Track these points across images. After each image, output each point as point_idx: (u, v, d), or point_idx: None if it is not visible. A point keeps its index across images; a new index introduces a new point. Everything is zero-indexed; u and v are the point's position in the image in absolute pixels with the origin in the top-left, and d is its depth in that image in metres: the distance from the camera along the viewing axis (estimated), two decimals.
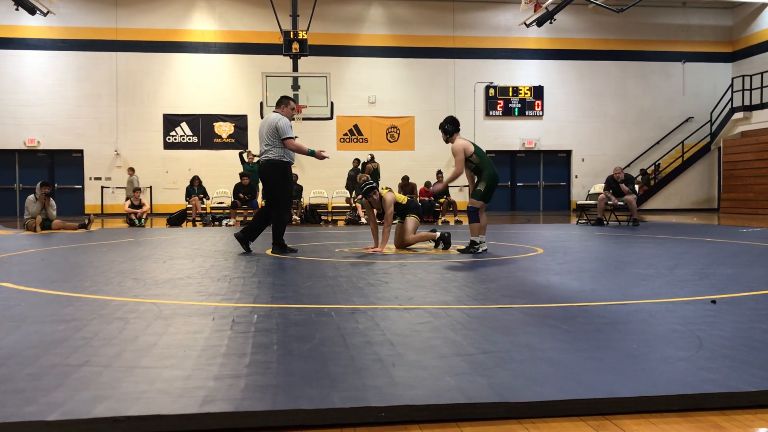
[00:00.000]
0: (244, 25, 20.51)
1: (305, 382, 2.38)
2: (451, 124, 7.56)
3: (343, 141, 20.95)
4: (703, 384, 2.35)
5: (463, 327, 3.32)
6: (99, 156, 20.09)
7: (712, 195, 22.21)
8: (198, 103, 20.32)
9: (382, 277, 5.28)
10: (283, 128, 7.42)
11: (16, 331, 3.25)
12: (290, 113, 7.70)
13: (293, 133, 7.52)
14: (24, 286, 4.86)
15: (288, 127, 7.49)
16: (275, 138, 7.42)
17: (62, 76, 19.80)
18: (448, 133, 7.57)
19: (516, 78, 21.79)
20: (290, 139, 7.45)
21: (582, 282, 5.02)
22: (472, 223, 7.37)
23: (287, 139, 7.42)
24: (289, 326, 3.35)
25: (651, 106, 22.33)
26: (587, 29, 21.99)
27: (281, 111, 7.62)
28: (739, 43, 22.36)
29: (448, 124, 7.57)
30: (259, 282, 5.04)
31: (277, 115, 7.53)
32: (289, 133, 7.46)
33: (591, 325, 3.35)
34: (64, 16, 19.48)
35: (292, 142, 7.46)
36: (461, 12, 21.50)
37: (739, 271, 5.58)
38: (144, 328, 3.31)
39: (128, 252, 7.70)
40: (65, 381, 2.39)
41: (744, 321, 3.47)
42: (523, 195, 22.45)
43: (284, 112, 7.61)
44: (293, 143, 7.47)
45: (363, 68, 21.03)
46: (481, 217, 7.35)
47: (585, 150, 22.16)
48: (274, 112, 7.68)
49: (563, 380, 2.40)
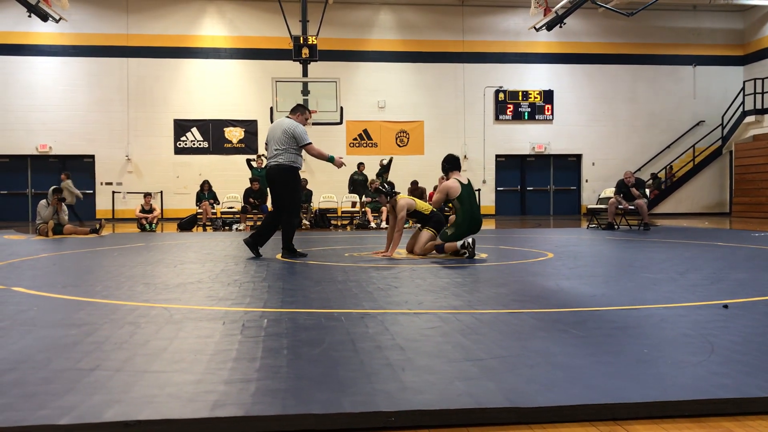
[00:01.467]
0: (254, 30, 20.60)
1: (315, 386, 2.38)
2: (448, 162, 7.82)
3: (353, 146, 20.98)
4: (715, 389, 2.33)
5: (473, 332, 3.31)
6: (110, 161, 20.21)
7: (723, 199, 22.07)
8: (208, 108, 20.42)
9: (391, 282, 5.27)
10: (301, 135, 7.41)
11: (28, 336, 3.27)
12: (304, 121, 7.71)
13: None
14: (36, 290, 4.89)
15: (305, 133, 7.49)
16: (288, 144, 7.39)
17: (74, 82, 19.96)
18: (444, 171, 7.85)
19: (526, 82, 21.75)
20: (311, 144, 7.44)
21: (593, 286, 5.00)
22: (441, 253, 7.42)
23: (308, 144, 7.42)
24: (299, 331, 3.35)
25: (662, 110, 22.24)
26: (597, 33, 21.94)
27: (296, 118, 7.61)
28: (750, 46, 22.23)
29: (444, 162, 7.85)
30: (269, 286, 5.05)
31: (292, 122, 7.51)
32: (308, 139, 7.46)
33: (602, 330, 3.33)
34: (75, 22, 19.64)
35: (314, 147, 7.46)
36: (470, 16, 21.51)
37: (751, 276, 5.53)
38: (155, 333, 3.32)
39: (139, 256, 7.73)
40: (76, 385, 2.40)
41: (756, 326, 3.44)
42: (533, 199, 22.39)
43: (299, 120, 7.61)
44: (315, 149, 7.47)
45: (372, 73, 21.07)
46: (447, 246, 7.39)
47: (595, 154, 22.08)
48: (287, 117, 7.65)
49: (574, 385, 2.38)
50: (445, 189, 7.53)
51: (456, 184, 7.53)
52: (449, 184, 7.55)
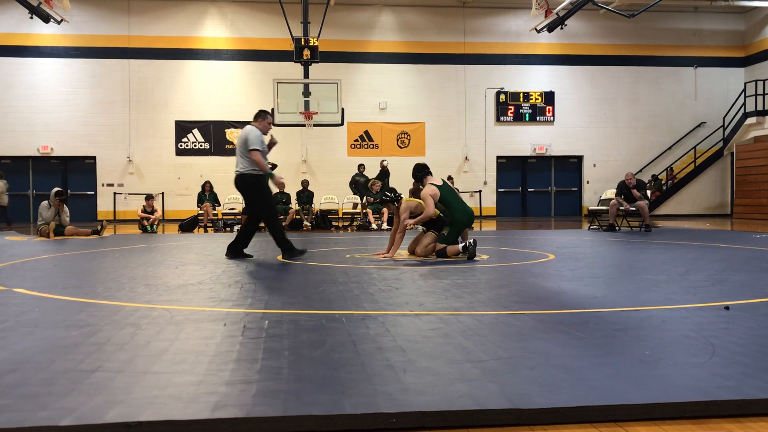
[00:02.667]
0: (256, 32, 20.61)
1: (316, 387, 2.38)
2: (419, 171, 7.92)
3: (354, 147, 20.99)
4: (716, 391, 2.33)
5: (474, 333, 3.31)
6: (111, 162, 20.23)
7: (724, 200, 22.06)
8: (210, 109, 20.43)
9: (392, 283, 5.27)
10: (251, 139, 7.34)
11: (29, 337, 3.28)
12: (267, 127, 7.66)
13: (261, 147, 7.39)
14: (37, 291, 4.89)
15: (257, 139, 7.39)
16: (244, 149, 7.38)
17: (75, 84, 19.98)
18: (418, 180, 7.92)
19: (527, 83, 21.75)
20: (255, 151, 7.33)
21: (594, 288, 5.00)
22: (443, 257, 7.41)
23: (252, 150, 7.31)
24: (300, 332, 3.36)
25: (663, 112, 22.22)
26: (598, 34, 21.94)
27: (257, 124, 7.58)
28: (751, 47, 22.22)
29: (416, 172, 7.94)
30: (270, 288, 5.05)
31: (250, 127, 7.50)
32: (256, 145, 7.35)
33: (603, 332, 3.33)
34: (77, 24, 19.66)
35: (256, 154, 7.33)
36: (471, 18, 21.51)
37: (752, 277, 5.53)
38: (156, 334, 3.32)
39: (140, 258, 7.74)
40: (78, 386, 2.41)
41: (758, 327, 3.44)
42: (534, 201, 22.38)
43: (260, 126, 7.58)
44: (258, 158, 7.34)
45: (374, 74, 21.07)
46: (448, 249, 7.40)
47: (596, 155, 22.07)
48: (250, 124, 7.63)
49: (575, 386, 2.38)
50: (428, 197, 7.54)
51: (434, 189, 7.61)
52: (428, 191, 7.60)
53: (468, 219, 7.66)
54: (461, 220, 7.56)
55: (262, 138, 7.50)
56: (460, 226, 7.56)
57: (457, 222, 7.54)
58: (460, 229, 7.58)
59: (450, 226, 7.53)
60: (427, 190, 7.63)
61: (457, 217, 7.54)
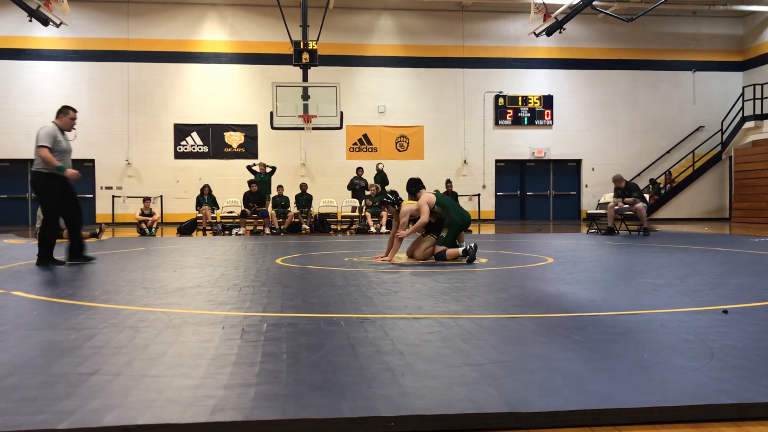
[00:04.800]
0: (255, 35, 20.63)
1: (315, 391, 2.38)
2: (412, 185, 8.08)
3: (353, 150, 20.99)
4: (714, 395, 2.33)
5: (473, 337, 3.31)
6: (110, 165, 20.21)
7: (723, 204, 22.07)
8: (209, 112, 20.43)
9: (391, 287, 5.27)
10: (41, 136, 7.12)
11: (27, 340, 3.27)
12: (70, 123, 7.44)
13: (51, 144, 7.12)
14: (35, 294, 4.89)
15: (47, 136, 7.15)
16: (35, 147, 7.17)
17: (74, 87, 19.96)
18: (412, 194, 8.10)
19: (525, 87, 21.78)
20: (42, 148, 7.09)
21: (592, 291, 5.00)
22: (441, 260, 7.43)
23: (40, 147, 7.09)
24: (298, 335, 3.35)
25: (661, 115, 22.25)
26: (597, 38, 21.97)
27: (58, 121, 7.38)
28: (749, 52, 22.27)
29: (410, 186, 8.14)
30: (269, 291, 5.05)
31: (47, 124, 7.28)
32: (44, 141, 7.11)
33: (601, 335, 3.33)
34: (76, 27, 19.66)
35: (45, 152, 7.06)
36: (470, 22, 21.54)
37: (751, 281, 5.53)
38: (154, 337, 3.32)
39: (139, 261, 7.73)
40: (76, 390, 2.40)
41: (756, 331, 3.44)
42: (533, 204, 22.38)
43: (61, 122, 7.37)
44: (45, 154, 7.08)
45: (372, 78, 21.09)
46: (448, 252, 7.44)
47: (595, 159, 22.08)
48: (52, 122, 7.39)
49: (573, 390, 2.38)
50: (424, 204, 7.64)
51: (430, 196, 7.79)
52: (424, 198, 7.74)
53: (464, 221, 7.77)
54: (458, 221, 7.65)
55: (55, 135, 7.20)
56: (457, 228, 7.65)
57: (455, 223, 7.62)
58: (458, 231, 7.68)
59: (448, 227, 7.61)
60: (423, 197, 7.77)
61: (455, 219, 7.64)
